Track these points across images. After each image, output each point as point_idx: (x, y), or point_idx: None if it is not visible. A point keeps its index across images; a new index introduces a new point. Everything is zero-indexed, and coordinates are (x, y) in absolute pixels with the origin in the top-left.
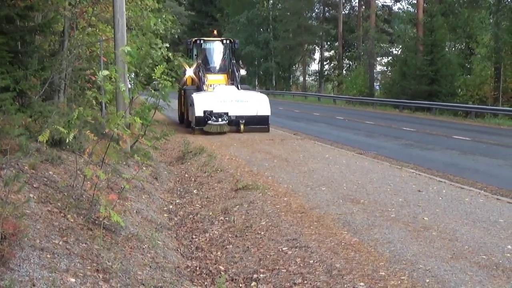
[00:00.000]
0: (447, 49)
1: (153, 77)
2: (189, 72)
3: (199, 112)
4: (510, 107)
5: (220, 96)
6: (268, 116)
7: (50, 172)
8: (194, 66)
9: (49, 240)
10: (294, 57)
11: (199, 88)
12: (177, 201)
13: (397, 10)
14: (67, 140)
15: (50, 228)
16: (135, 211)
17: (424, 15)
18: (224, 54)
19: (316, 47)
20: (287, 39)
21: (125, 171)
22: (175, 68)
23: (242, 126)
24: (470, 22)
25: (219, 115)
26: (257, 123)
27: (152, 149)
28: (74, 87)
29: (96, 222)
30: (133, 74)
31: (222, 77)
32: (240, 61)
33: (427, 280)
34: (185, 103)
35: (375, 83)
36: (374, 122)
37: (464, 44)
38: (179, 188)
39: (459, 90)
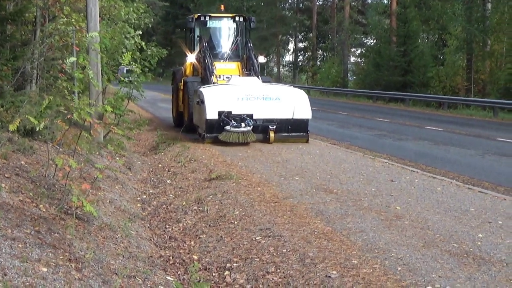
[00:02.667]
0: (420, 41)
1: (122, 64)
2: (191, 58)
3: (212, 114)
4: (482, 98)
5: (240, 92)
6: (308, 120)
7: (22, 162)
8: (197, 50)
9: (21, 229)
10: (268, 48)
11: (204, 80)
12: (151, 191)
13: (371, 1)
14: (38, 129)
15: (22, 218)
16: (108, 201)
17: (397, 6)
18: (236, 35)
19: (290, 38)
20: (261, 29)
21: (98, 161)
22: (149, 58)
23: (272, 134)
24: (443, 14)
25: (241, 119)
26: (293, 130)
27: (125, 139)
28: (47, 76)
29: (69, 211)
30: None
31: (234, 66)
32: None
33: (399, 268)
34: (186, 100)
35: (349, 74)
36: (348, 112)
37: (437, 35)
38: (152, 178)
39: (433, 81)
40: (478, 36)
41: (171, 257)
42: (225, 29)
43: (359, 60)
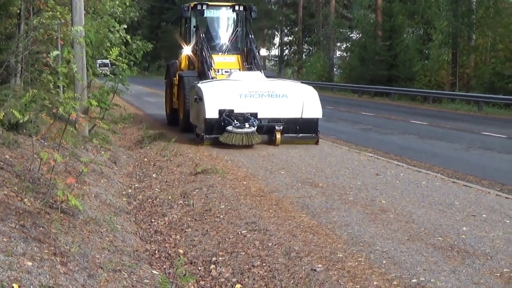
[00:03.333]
0: (405, 35)
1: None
2: (187, 50)
3: (211, 113)
4: (466, 92)
5: (243, 88)
6: (317, 119)
7: (7, 156)
8: (193, 42)
9: (6, 224)
10: None
11: (201, 74)
12: (136, 185)
13: None
14: (21, 121)
15: (7, 212)
16: (93, 195)
17: (383, 0)
18: (236, 26)
19: (276, 32)
20: None
21: (84, 155)
22: (134, 51)
23: (278, 135)
24: (427, 9)
25: (244, 118)
26: (301, 130)
27: (111, 133)
28: (31, 70)
29: (54, 206)
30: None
31: (234, 59)
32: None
33: (384, 262)
34: (181, 97)
35: (334, 68)
36: (334, 107)
37: (422, 30)
38: (138, 172)
39: (418, 75)
40: (463, 31)
41: (156, 251)
42: (223, 19)
43: (345, 54)
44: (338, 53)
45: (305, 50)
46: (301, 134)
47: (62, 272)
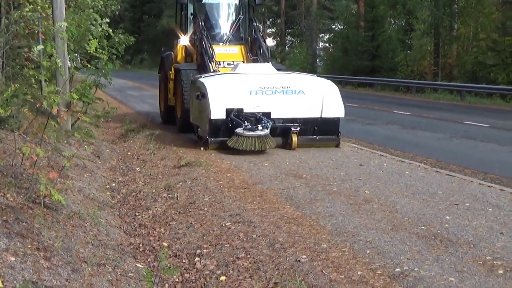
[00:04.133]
0: (387, 25)
1: (88, 52)
2: (184, 41)
3: (217, 113)
4: (449, 82)
5: (253, 83)
6: (338, 119)
7: None
8: (191, 31)
9: None
10: None
11: (201, 68)
12: (120, 179)
13: None
14: (3, 115)
15: None
16: (76, 190)
17: None
18: (238, 13)
19: (259, 24)
20: None
21: (66, 149)
22: (116, 45)
23: (294, 138)
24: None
25: (257, 119)
26: (320, 131)
27: (93, 127)
28: (13, 65)
29: (37, 200)
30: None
31: (237, 50)
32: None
33: (368, 251)
34: (178, 93)
35: (317, 59)
36: None
37: (404, 20)
38: (121, 166)
39: (400, 65)
40: (445, 20)
41: (141, 245)
42: (224, 6)
43: (328, 46)
44: (321, 44)
45: (288, 41)
46: (320, 136)
47: (45, 267)
